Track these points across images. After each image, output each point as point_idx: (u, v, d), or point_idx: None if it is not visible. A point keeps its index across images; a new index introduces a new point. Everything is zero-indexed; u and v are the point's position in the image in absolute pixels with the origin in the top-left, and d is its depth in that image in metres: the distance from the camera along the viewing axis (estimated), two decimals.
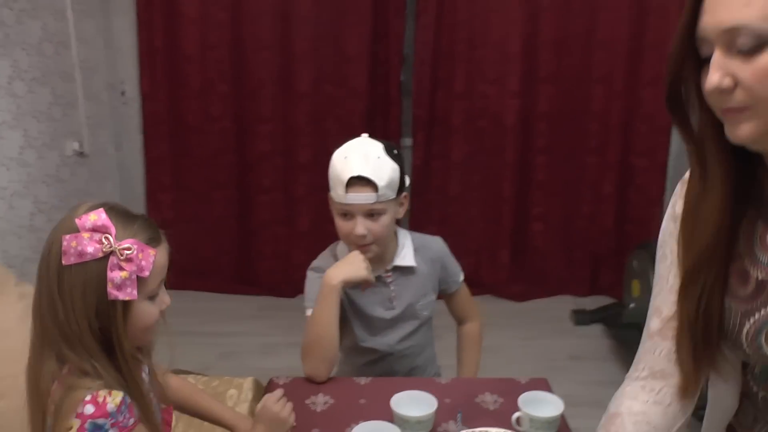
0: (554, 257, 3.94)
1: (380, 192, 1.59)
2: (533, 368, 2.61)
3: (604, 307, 3.76)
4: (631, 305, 3.41)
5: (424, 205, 3.87)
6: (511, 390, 1.52)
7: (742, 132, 0.83)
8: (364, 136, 1.69)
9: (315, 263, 1.79)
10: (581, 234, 3.88)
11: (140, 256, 1.08)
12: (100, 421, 1.05)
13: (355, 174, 1.57)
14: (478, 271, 3.93)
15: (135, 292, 1.08)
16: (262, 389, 2.31)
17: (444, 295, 1.85)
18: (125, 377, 1.10)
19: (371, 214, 1.62)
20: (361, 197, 1.60)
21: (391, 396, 1.42)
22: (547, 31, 3.60)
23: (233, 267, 3.93)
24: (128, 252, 1.07)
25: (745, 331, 0.92)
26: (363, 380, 1.65)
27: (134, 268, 1.07)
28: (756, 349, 0.91)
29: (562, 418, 1.40)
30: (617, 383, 1.09)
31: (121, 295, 1.06)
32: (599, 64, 3.64)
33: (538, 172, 3.80)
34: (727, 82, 0.80)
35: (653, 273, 1.18)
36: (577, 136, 3.74)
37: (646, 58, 3.61)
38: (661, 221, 1.09)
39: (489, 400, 1.53)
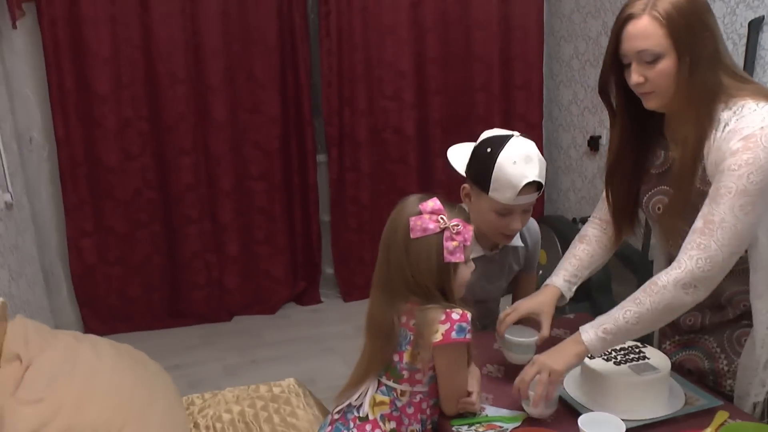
0: None
1: (540, 190, 1.77)
2: None
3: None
4: (540, 272, 4.00)
5: (341, 215, 4.18)
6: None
7: (650, 104, 1.49)
8: (516, 134, 1.76)
9: None
10: None
11: (464, 230, 1.49)
12: (464, 324, 1.47)
13: (530, 180, 1.69)
14: None
15: (462, 256, 1.49)
16: (304, 386, 2.49)
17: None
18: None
19: (526, 210, 1.79)
20: (530, 198, 1.74)
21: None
22: (433, 49, 4.08)
23: (165, 302, 3.90)
24: (457, 227, 1.47)
25: (644, 200, 1.62)
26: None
27: (462, 238, 1.48)
28: (649, 211, 1.63)
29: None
30: None
31: (454, 259, 1.48)
32: (478, 75, 4.21)
33: (438, 173, 4.26)
34: (641, 80, 1.44)
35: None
36: (467, 138, 4.13)
37: (515, 68, 4.26)
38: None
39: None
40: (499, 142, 1.73)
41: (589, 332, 1.46)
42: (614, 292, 3.65)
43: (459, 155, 1.93)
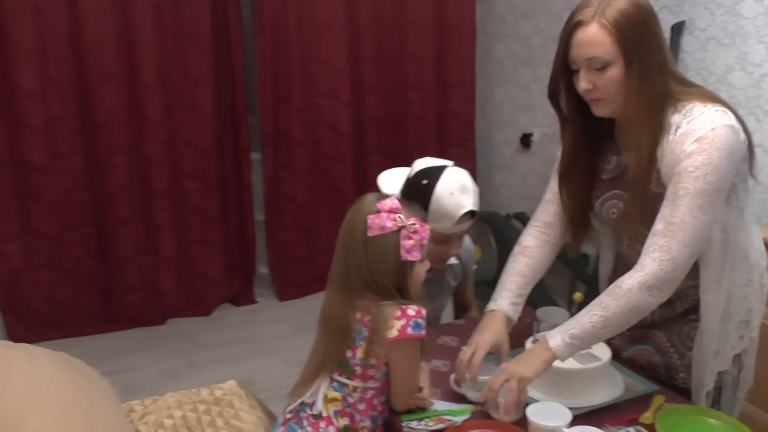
0: None
1: (476, 217, 1.85)
2: None
3: None
4: (475, 267, 4.07)
5: (276, 213, 4.15)
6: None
7: (600, 111, 1.52)
8: (450, 163, 1.85)
9: None
10: None
11: (421, 228, 1.53)
12: (420, 320, 1.50)
13: (467, 210, 1.79)
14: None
15: (419, 254, 1.52)
16: (246, 388, 2.46)
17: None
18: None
19: (461, 236, 1.89)
20: (466, 225, 1.84)
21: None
22: (368, 48, 4.09)
23: (97, 306, 3.77)
24: (414, 226, 1.51)
25: (597, 205, 1.66)
26: None
27: (419, 237, 1.52)
28: (602, 215, 1.65)
29: None
30: None
31: (411, 257, 1.51)
32: (413, 74, 4.25)
33: (373, 171, 4.27)
34: (590, 86, 1.46)
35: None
36: (402, 135, 4.31)
37: (449, 66, 4.32)
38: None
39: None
40: (435, 174, 1.81)
41: (556, 338, 1.47)
42: (548, 285, 3.77)
43: (390, 182, 1.98)
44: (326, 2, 3.92)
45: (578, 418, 1.47)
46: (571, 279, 3.55)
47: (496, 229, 3.91)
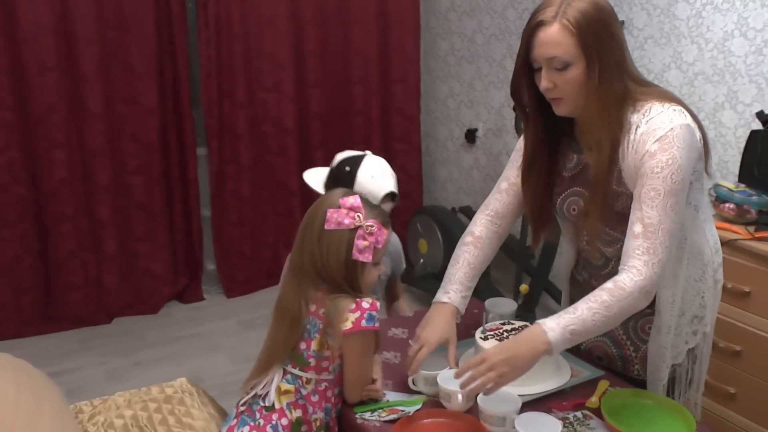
0: None
1: (395, 199, 1.99)
2: None
3: None
4: (421, 260, 4.14)
5: (221, 208, 4.12)
6: None
7: (560, 111, 1.54)
8: (369, 153, 2.01)
9: None
10: None
11: (378, 232, 1.55)
12: (374, 313, 1.53)
13: (388, 191, 1.94)
14: (276, 262, 4.28)
15: (370, 257, 1.54)
16: (196, 385, 2.45)
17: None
18: None
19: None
20: (388, 207, 1.98)
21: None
22: (312, 42, 4.09)
23: (37, 306, 3.67)
24: (371, 228, 1.53)
25: (558, 202, 1.68)
26: None
27: (374, 240, 1.54)
28: (563, 212, 1.68)
29: None
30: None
31: (362, 258, 1.54)
32: (356, 69, 4.27)
33: (317, 165, 4.21)
34: (551, 85, 1.49)
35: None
36: (346, 131, 4.33)
37: (393, 62, 4.36)
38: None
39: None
40: (356, 161, 1.99)
41: (556, 332, 1.42)
42: (492, 277, 3.85)
43: (315, 177, 2.14)
44: None
45: (527, 405, 1.52)
46: (517, 271, 3.64)
47: (441, 223, 3.97)
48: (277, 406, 1.58)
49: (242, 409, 1.63)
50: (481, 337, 1.68)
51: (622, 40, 1.48)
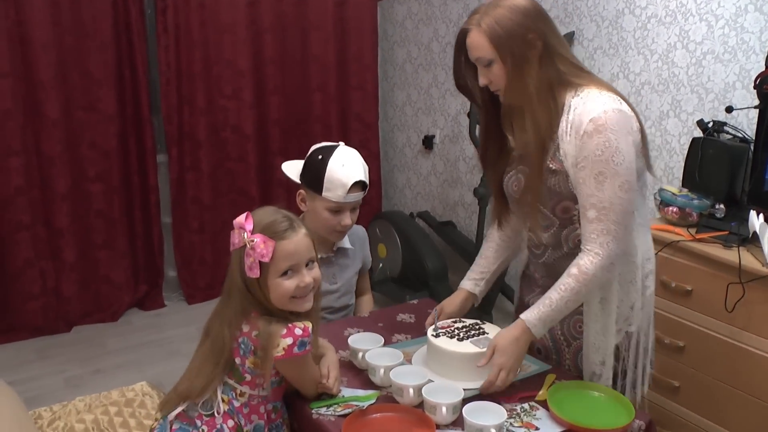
0: None
1: (365, 190, 2.06)
2: None
3: None
4: (381, 265, 4.20)
5: (182, 214, 4.12)
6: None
7: (504, 101, 1.70)
8: (342, 144, 2.09)
9: None
10: None
11: (262, 246, 1.49)
12: (306, 339, 1.52)
13: (358, 179, 2.01)
14: None
15: (258, 272, 1.50)
16: (157, 389, 2.47)
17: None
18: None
19: (354, 208, 2.07)
20: (357, 196, 2.05)
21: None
22: (270, 49, 4.13)
23: None
24: (253, 243, 1.49)
25: (506, 180, 1.82)
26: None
27: (258, 254, 1.49)
28: (509, 191, 1.81)
29: None
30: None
31: (251, 274, 1.50)
32: (315, 76, 4.32)
33: (278, 172, 4.25)
34: (486, 81, 1.68)
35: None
36: (305, 137, 4.35)
37: (351, 69, 4.43)
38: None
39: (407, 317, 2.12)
40: (328, 150, 2.04)
41: (537, 326, 1.64)
42: (450, 280, 3.93)
43: (292, 167, 2.17)
44: (228, 3, 3.94)
45: (476, 399, 1.58)
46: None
47: (400, 228, 4.04)
48: (221, 412, 1.58)
49: (176, 426, 1.59)
50: (432, 335, 1.75)
51: (548, 31, 1.65)
